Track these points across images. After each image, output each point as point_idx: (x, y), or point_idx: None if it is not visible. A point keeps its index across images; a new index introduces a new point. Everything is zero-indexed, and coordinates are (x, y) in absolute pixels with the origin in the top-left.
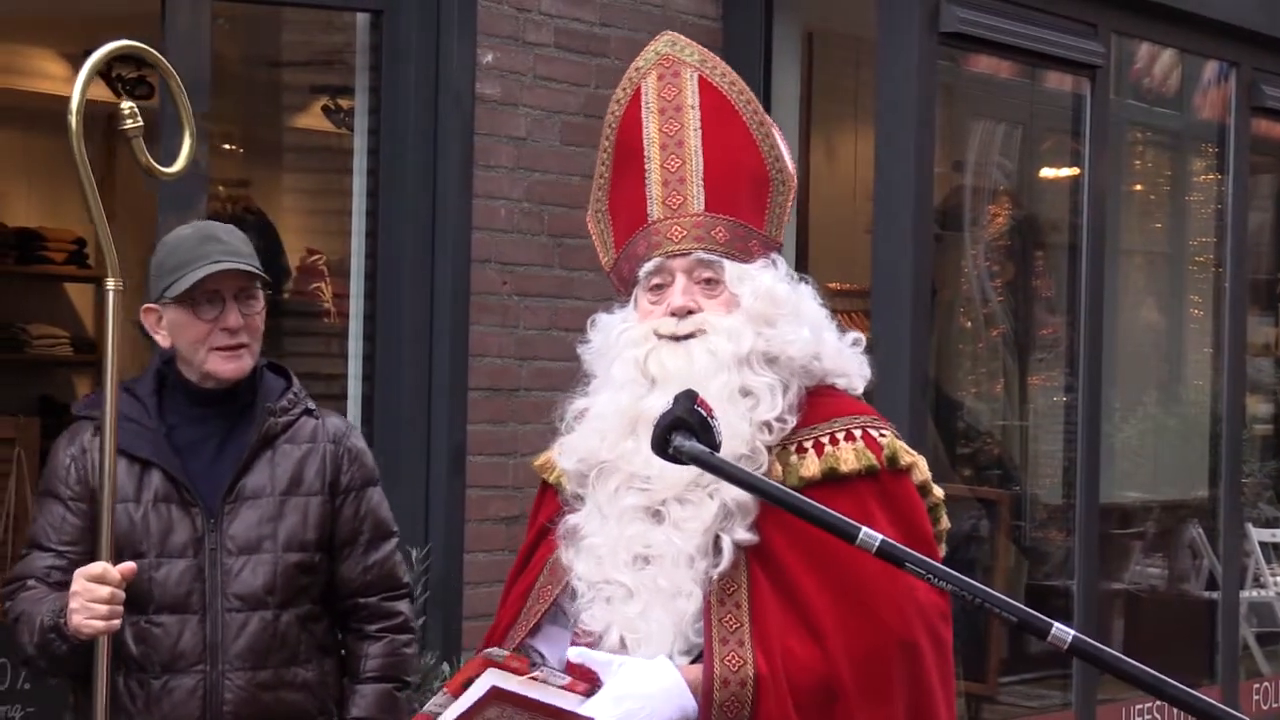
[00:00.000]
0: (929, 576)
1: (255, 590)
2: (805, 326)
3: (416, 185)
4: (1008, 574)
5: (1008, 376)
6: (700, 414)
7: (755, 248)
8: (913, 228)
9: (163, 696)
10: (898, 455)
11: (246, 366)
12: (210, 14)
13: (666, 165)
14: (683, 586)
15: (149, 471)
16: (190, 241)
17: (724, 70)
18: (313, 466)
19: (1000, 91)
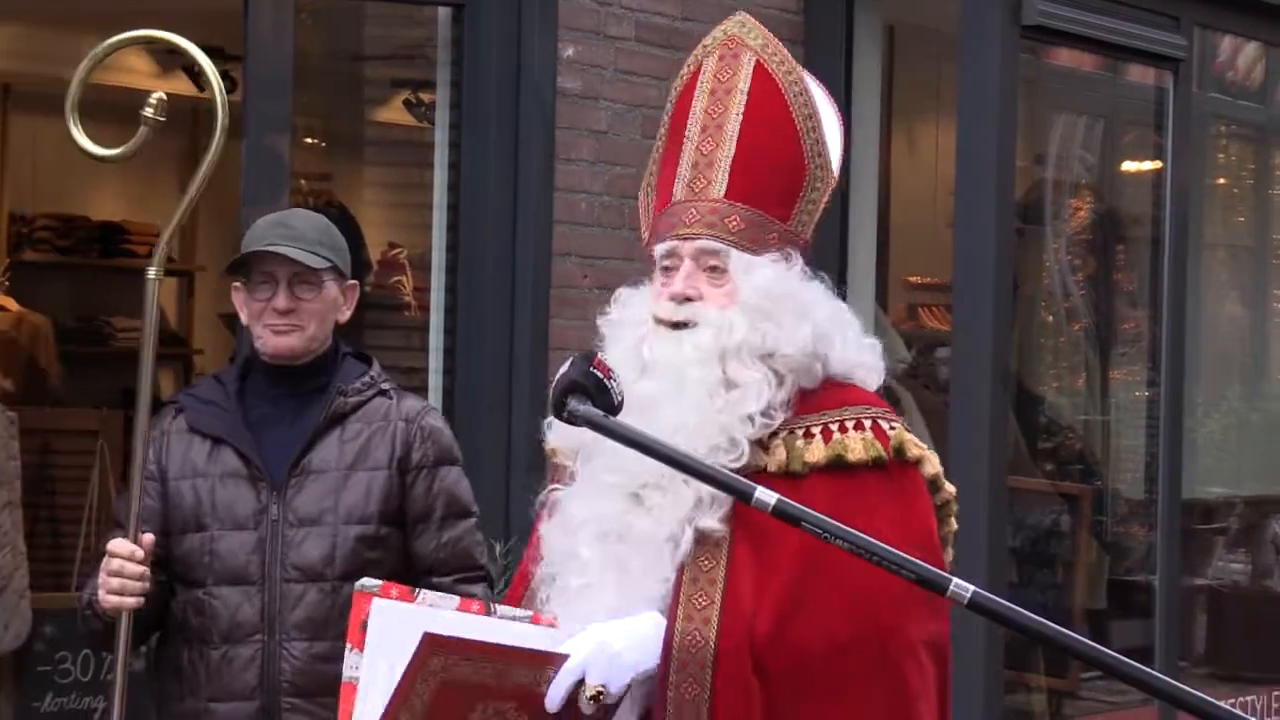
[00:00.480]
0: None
1: (313, 562)
2: (808, 324)
3: (497, 179)
4: (1089, 569)
5: (1089, 371)
6: (596, 376)
7: (772, 240)
8: (994, 222)
9: (222, 667)
10: (905, 446)
11: (294, 344)
12: (293, 9)
13: (702, 147)
14: (652, 568)
15: (220, 448)
16: (264, 225)
17: (784, 58)
18: (381, 443)
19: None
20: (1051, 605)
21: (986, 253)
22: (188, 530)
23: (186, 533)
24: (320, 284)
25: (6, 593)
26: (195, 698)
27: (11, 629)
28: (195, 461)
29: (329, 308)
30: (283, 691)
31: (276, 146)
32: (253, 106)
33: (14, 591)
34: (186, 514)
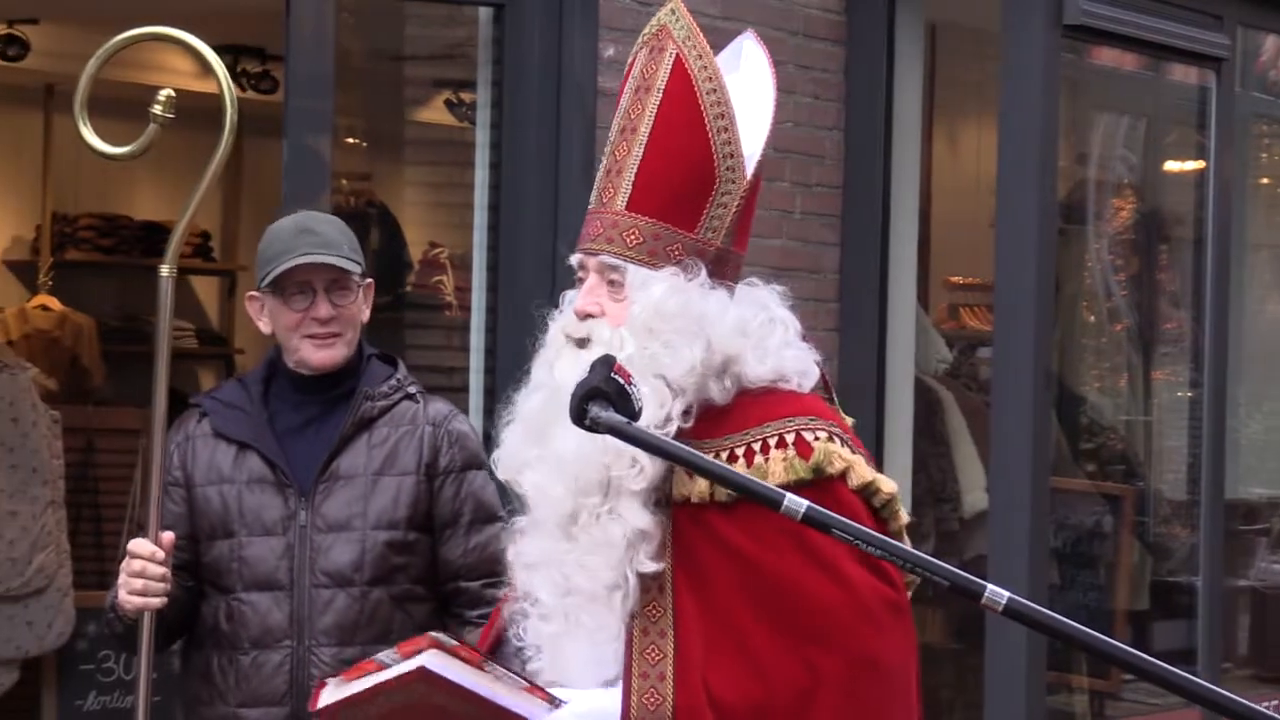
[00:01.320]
0: (856, 541)
1: (342, 567)
2: (701, 341)
3: (538, 179)
4: (1131, 570)
5: (1131, 371)
6: (618, 382)
7: (674, 252)
8: (1036, 221)
9: (252, 672)
10: (824, 464)
11: (338, 355)
12: (334, 9)
13: (617, 151)
14: (603, 620)
15: (246, 454)
16: (287, 232)
17: (701, 52)
18: (409, 448)
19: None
20: (1093, 607)
21: (1028, 252)
22: (216, 536)
23: (215, 539)
24: (355, 289)
25: (50, 591)
26: (225, 703)
27: (55, 628)
28: (221, 467)
29: (359, 311)
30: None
31: (318, 146)
32: (294, 106)
33: (57, 590)
34: (214, 520)
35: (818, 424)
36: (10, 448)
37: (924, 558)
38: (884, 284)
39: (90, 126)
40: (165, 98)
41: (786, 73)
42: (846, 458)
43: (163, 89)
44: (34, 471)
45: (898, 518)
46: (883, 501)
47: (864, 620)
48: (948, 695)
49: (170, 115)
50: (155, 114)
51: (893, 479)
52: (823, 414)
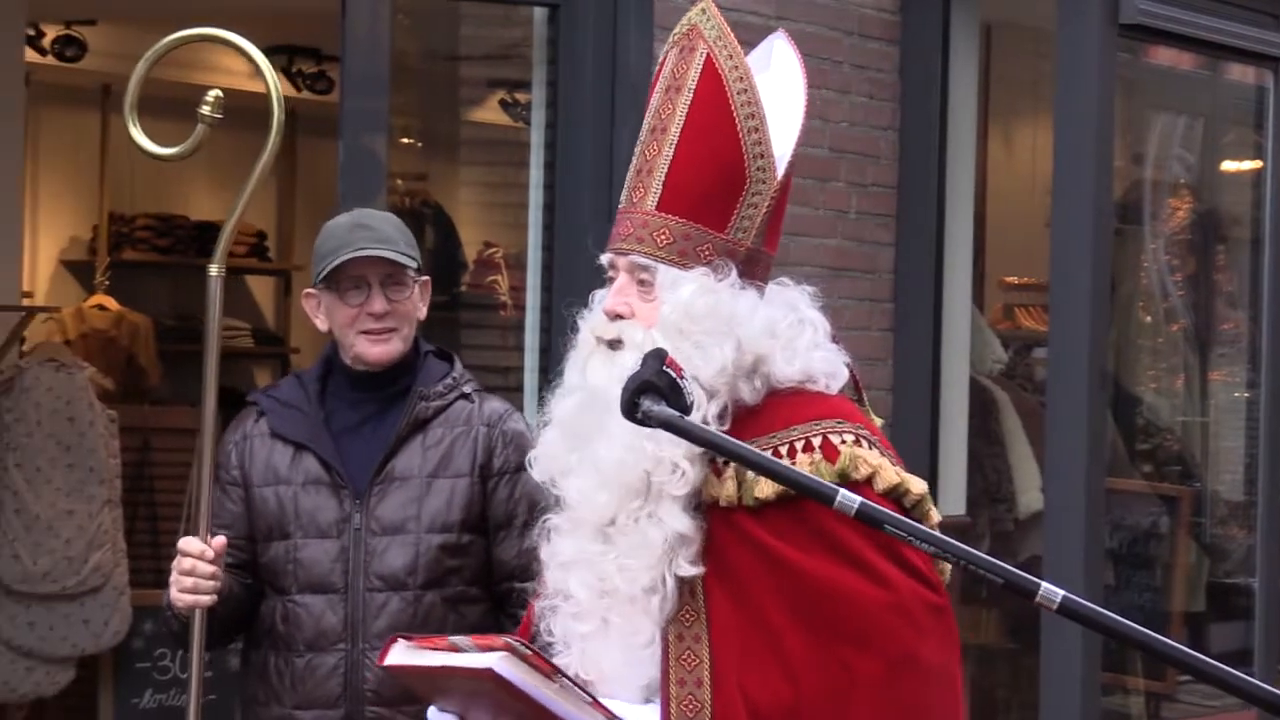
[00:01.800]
0: (909, 538)
1: (395, 571)
2: (731, 341)
3: (593, 179)
4: (1188, 571)
5: (1188, 372)
6: (670, 375)
7: (704, 253)
8: (1092, 221)
9: (306, 675)
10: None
11: (394, 351)
12: (390, 9)
13: (647, 151)
14: (637, 624)
15: (303, 455)
16: (342, 228)
17: (733, 52)
18: (463, 449)
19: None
20: (1149, 608)
21: (1084, 253)
22: (272, 538)
23: (271, 540)
24: (410, 284)
25: (106, 590)
26: (280, 705)
27: (111, 626)
28: (278, 468)
29: (415, 307)
30: (366, 701)
31: (373, 146)
32: (349, 106)
33: (114, 589)
34: (271, 521)
35: (844, 427)
36: (67, 447)
37: (979, 555)
38: (939, 284)
39: (140, 127)
40: (213, 98)
41: (842, 72)
42: (872, 462)
43: (211, 89)
44: (91, 470)
45: (929, 517)
46: (913, 502)
47: (903, 620)
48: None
49: (219, 116)
50: (203, 114)
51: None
52: (850, 416)
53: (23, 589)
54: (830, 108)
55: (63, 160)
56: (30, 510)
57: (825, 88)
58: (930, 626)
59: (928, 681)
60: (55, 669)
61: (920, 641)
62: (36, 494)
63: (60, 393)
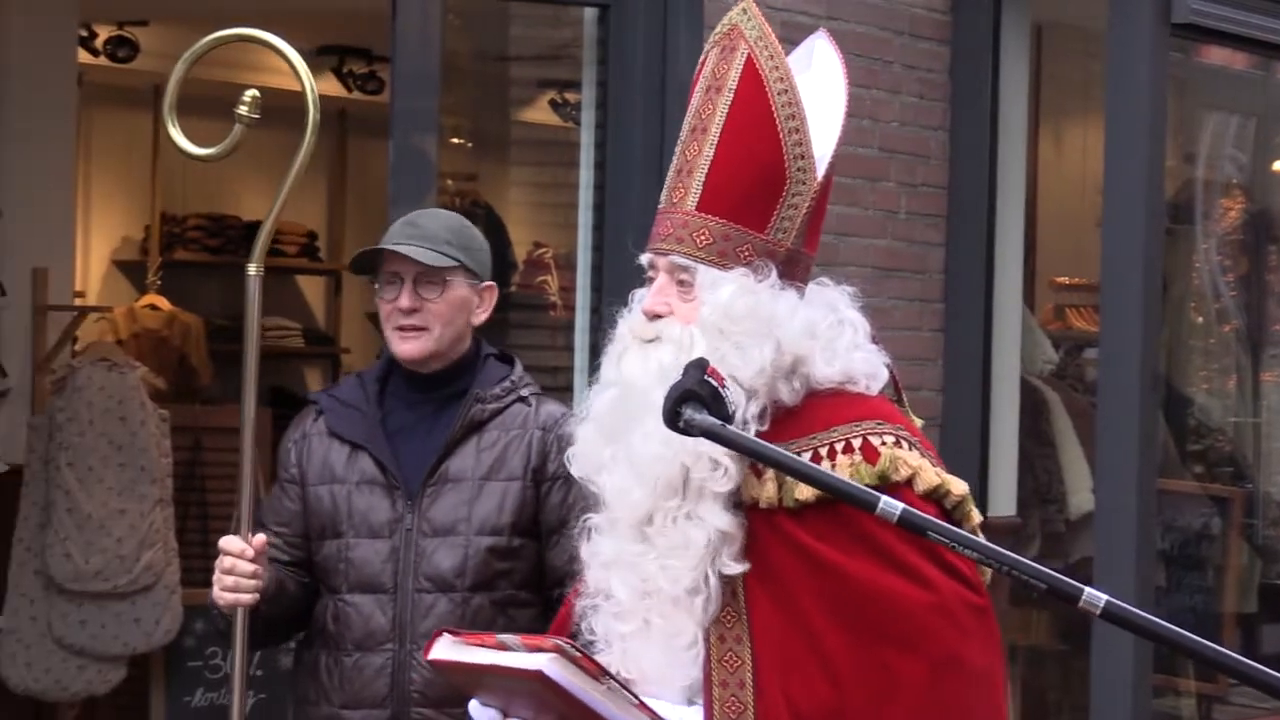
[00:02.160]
0: (953, 545)
1: (444, 572)
2: (770, 342)
3: (643, 179)
4: (1240, 573)
5: (1240, 372)
6: (711, 384)
7: (744, 253)
8: (1143, 222)
9: (354, 674)
10: (890, 470)
11: (423, 349)
12: (440, 10)
13: (687, 151)
14: (679, 625)
15: (359, 454)
16: (396, 225)
17: (774, 53)
18: (517, 452)
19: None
20: (1200, 609)
21: (1135, 253)
22: (325, 536)
23: (324, 539)
24: (445, 284)
25: (157, 589)
26: (329, 703)
27: (163, 625)
28: (334, 467)
29: (457, 309)
30: (413, 702)
31: (424, 146)
32: (400, 106)
33: (165, 588)
34: (324, 520)
35: (884, 428)
36: (119, 446)
37: (1021, 560)
38: (989, 284)
39: (179, 127)
40: (250, 98)
41: (892, 72)
42: (912, 463)
43: (249, 89)
44: (142, 470)
45: (970, 518)
46: (954, 503)
47: (946, 621)
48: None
49: (255, 116)
50: (240, 115)
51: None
52: (890, 417)
53: (75, 587)
54: (880, 108)
55: (115, 161)
56: (82, 509)
57: (875, 88)
58: (973, 628)
59: (971, 683)
60: (107, 667)
61: (963, 643)
62: (88, 493)
63: (112, 392)
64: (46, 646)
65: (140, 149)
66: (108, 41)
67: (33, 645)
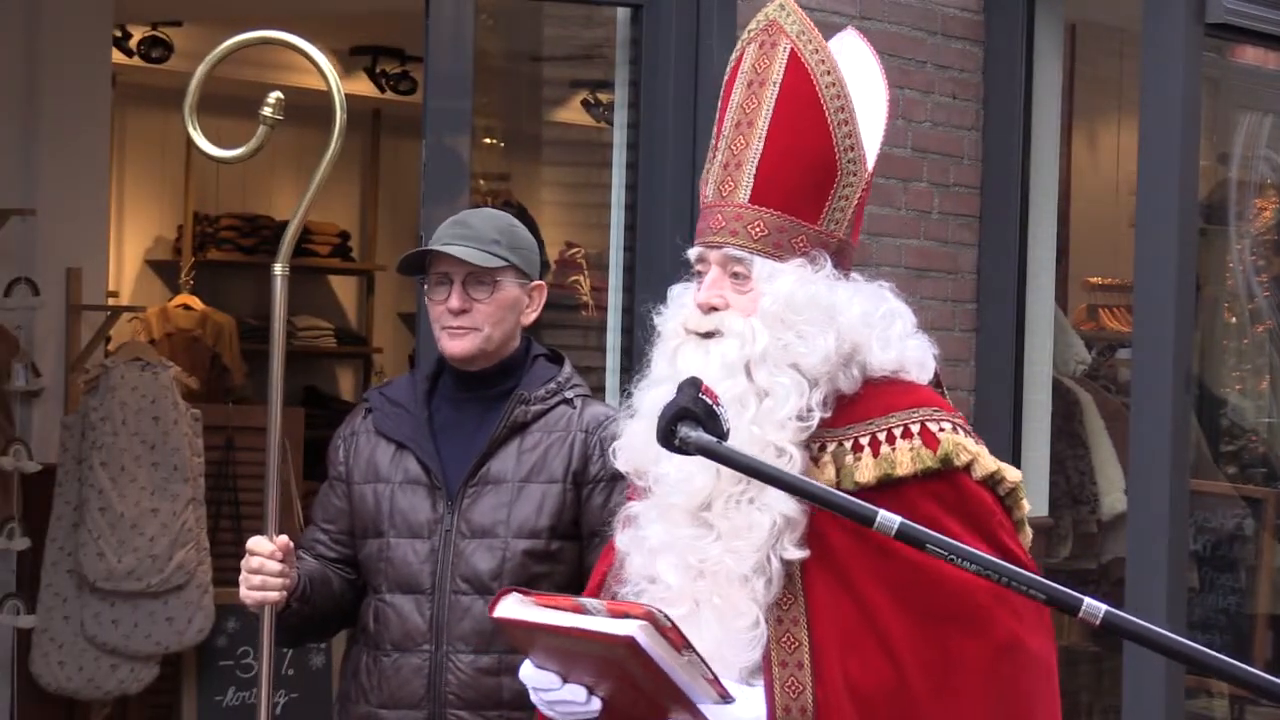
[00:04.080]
0: (950, 557)
1: (481, 574)
2: (832, 330)
3: (675, 179)
4: (1273, 574)
5: (1273, 373)
6: (705, 402)
7: (799, 244)
8: (1176, 222)
9: (392, 674)
10: (952, 455)
11: (470, 347)
12: (473, 10)
13: (733, 145)
14: (739, 606)
15: (403, 454)
16: (444, 225)
17: (818, 46)
18: (558, 455)
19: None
20: (1233, 610)
21: (1168, 253)
22: (368, 535)
23: (367, 537)
24: (494, 284)
25: (189, 588)
26: (367, 703)
27: (194, 624)
28: (379, 466)
29: (506, 309)
30: (449, 703)
31: (456, 146)
32: (433, 106)
33: (197, 587)
34: (367, 519)
35: (941, 415)
36: (152, 445)
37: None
38: (1022, 285)
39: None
40: (275, 100)
41: (925, 72)
42: (971, 449)
43: (274, 91)
44: (175, 469)
45: (1020, 506)
46: (1007, 490)
47: (1006, 609)
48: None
49: (279, 117)
50: (265, 116)
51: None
52: (942, 405)
53: (107, 586)
54: (913, 108)
55: (148, 160)
56: (115, 508)
57: (908, 88)
58: (1031, 619)
59: (1029, 668)
60: (139, 666)
61: (1022, 629)
62: (121, 492)
63: (145, 391)
64: (79, 645)
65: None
66: (141, 42)
67: (66, 644)
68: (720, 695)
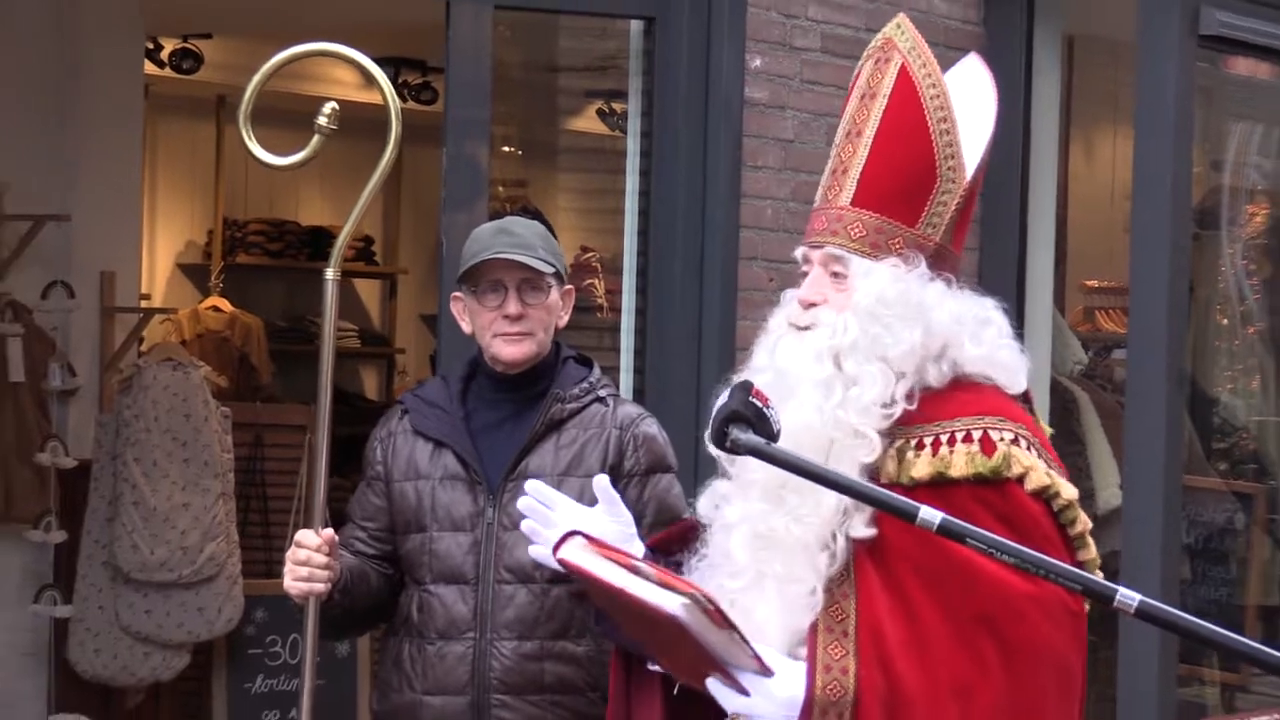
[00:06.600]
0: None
1: (524, 565)
2: (919, 326)
3: (687, 185)
4: (1263, 566)
5: (1264, 373)
6: (756, 405)
7: (895, 245)
8: (1170, 227)
9: (436, 661)
10: (1004, 465)
11: (527, 352)
12: (492, 23)
13: (842, 153)
14: (799, 574)
15: (442, 451)
16: (487, 233)
17: (925, 60)
18: (594, 450)
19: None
20: (1224, 601)
21: (1162, 257)
22: (410, 530)
23: (409, 532)
24: (547, 289)
25: (220, 579)
26: (412, 690)
27: (224, 614)
28: (418, 463)
29: (552, 313)
30: (492, 689)
31: (476, 154)
32: (453, 116)
33: (227, 578)
34: (409, 515)
35: (1006, 425)
36: (183, 442)
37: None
38: (1021, 287)
39: (254, 138)
40: (330, 110)
41: None
42: (1025, 462)
43: (328, 101)
44: (205, 465)
45: (1078, 523)
46: (1061, 506)
47: (1041, 612)
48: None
49: (334, 127)
50: (320, 125)
51: None
52: (1015, 416)
53: (140, 577)
54: None
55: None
56: (148, 503)
57: None
58: (1066, 626)
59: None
60: (171, 654)
61: (1053, 634)
62: (154, 487)
63: (176, 390)
64: (114, 634)
65: (204, 157)
66: (173, 54)
67: (101, 633)
68: (760, 669)
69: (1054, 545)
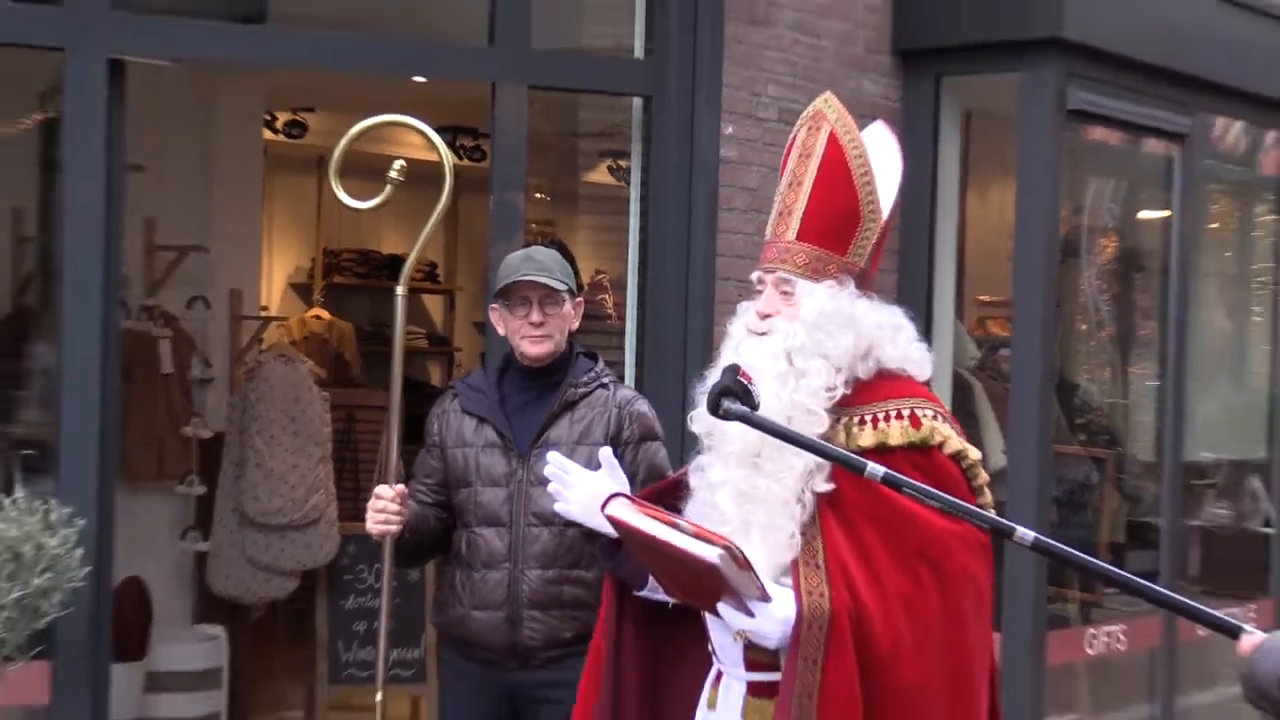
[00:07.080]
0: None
1: (547, 512)
2: (852, 332)
3: (675, 223)
4: (1112, 514)
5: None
6: (742, 383)
7: (831, 270)
8: (1044, 256)
9: (480, 585)
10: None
11: (547, 350)
12: (527, 99)
13: (786, 199)
14: (777, 522)
15: (484, 425)
16: (516, 260)
17: (848, 127)
18: (600, 424)
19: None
20: (1083, 539)
21: (1037, 279)
22: (459, 485)
23: (459, 487)
24: (561, 302)
25: (321, 523)
26: (462, 606)
27: (324, 549)
28: (465, 434)
29: (567, 320)
30: (524, 605)
31: (514, 200)
32: (497, 170)
33: (326, 522)
34: (459, 474)
35: (927, 405)
36: (293, 418)
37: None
38: (929, 301)
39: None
40: (399, 166)
41: None
42: (944, 433)
43: (397, 159)
44: (310, 436)
45: (979, 477)
46: (969, 464)
47: (965, 548)
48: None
49: (402, 179)
50: (391, 178)
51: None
52: (930, 398)
53: (261, 521)
54: None
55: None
56: (267, 465)
57: None
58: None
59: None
60: (284, 580)
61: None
62: (271, 452)
63: (288, 379)
64: (241, 564)
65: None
66: (285, 123)
67: (231, 563)
68: (762, 596)
69: (965, 494)
